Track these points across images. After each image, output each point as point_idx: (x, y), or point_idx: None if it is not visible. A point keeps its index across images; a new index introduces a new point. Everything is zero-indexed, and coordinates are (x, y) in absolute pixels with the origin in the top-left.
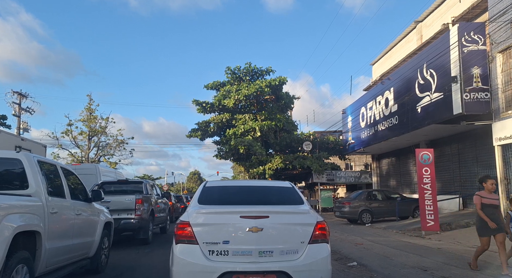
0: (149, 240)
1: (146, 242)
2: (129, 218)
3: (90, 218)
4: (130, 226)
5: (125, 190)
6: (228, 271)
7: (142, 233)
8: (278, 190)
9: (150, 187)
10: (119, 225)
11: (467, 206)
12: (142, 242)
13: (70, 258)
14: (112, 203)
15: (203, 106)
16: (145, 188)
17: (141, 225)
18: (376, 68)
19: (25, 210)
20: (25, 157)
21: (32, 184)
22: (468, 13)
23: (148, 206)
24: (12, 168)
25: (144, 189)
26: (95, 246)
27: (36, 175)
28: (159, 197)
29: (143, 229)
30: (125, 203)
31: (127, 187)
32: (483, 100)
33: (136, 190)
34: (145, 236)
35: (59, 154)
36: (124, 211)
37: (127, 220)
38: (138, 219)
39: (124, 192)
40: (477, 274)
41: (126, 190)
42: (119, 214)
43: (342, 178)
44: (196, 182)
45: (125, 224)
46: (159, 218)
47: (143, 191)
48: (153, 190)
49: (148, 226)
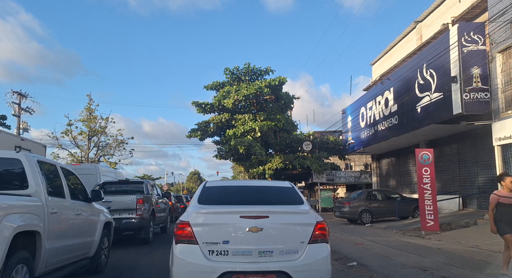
0: (150, 239)
1: (147, 241)
2: (130, 217)
3: (90, 218)
4: (131, 226)
5: (126, 190)
6: (228, 271)
7: (143, 232)
8: (278, 190)
9: (151, 187)
10: (121, 224)
11: (467, 206)
12: (142, 242)
13: (70, 258)
14: (113, 203)
15: (202, 107)
16: (146, 188)
17: (142, 225)
18: (376, 68)
19: (25, 210)
20: (25, 157)
21: (32, 184)
22: (467, 13)
23: (149, 206)
24: (12, 168)
25: (145, 189)
26: (95, 246)
27: (36, 175)
28: (160, 197)
29: (144, 228)
30: (126, 203)
31: (128, 187)
32: (483, 100)
33: (137, 190)
34: (146, 235)
35: (59, 154)
36: (125, 211)
37: (128, 220)
38: (139, 219)
39: (125, 192)
40: (477, 274)
41: (127, 190)
42: (121, 214)
43: (342, 178)
44: (196, 182)
45: (126, 224)
46: (160, 217)
47: (144, 191)
48: (153, 190)
49: (149, 225)
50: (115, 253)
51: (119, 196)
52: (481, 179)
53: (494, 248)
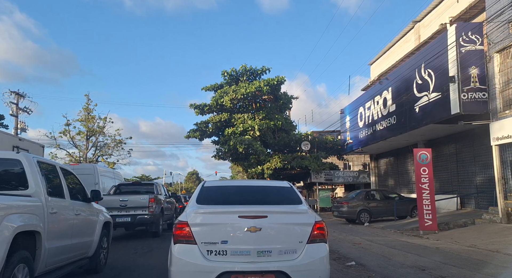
0: (159, 233)
1: (157, 235)
2: (143, 214)
3: (89, 218)
4: (144, 221)
5: (139, 191)
6: (227, 271)
7: (154, 227)
8: (277, 189)
9: (160, 188)
10: (135, 220)
11: (465, 205)
12: (153, 235)
13: (69, 257)
14: (129, 202)
15: (200, 108)
16: (156, 188)
17: (153, 220)
18: (374, 68)
19: (25, 210)
20: (24, 158)
21: (32, 184)
22: (465, 13)
23: (159, 204)
24: (12, 168)
25: (155, 190)
26: (94, 245)
27: (36, 175)
28: (167, 196)
29: (155, 223)
30: (140, 202)
31: (141, 188)
32: (481, 100)
33: (148, 191)
34: (156, 229)
35: (57, 154)
36: (139, 208)
37: (142, 216)
38: (151, 215)
39: (138, 192)
40: (474, 273)
41: (140, 191)
42: (135, 211)
43: (340, 177)
44: (195, 182)
45: (141, 219)
46: (167, 215)
47: (154, 191)
48: (162, 190)
49: (159, 221)
50: (114, 252)
51: (134, 196)
52: (479, 179)
53: (492, 247)
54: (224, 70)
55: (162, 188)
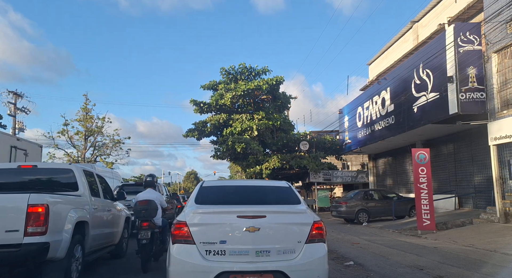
0: None
1: None
2: None
3: (116, 213)
4: None
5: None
6: (225, 271)
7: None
8: (275, 189)
9: (161, 188)
10: None
11: (463, 205)
12: None
13: (104, 243)
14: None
15: (200, 106)
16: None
17: None
18: (372, 68)
19: (79, 206)
20: (75, 167)
21: (81, 187)
22: (464, 13)
23: None
24: (66, 175)
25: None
26: (118, 235)
27: (83, 180)
28: (168, 196)
29: None
30: None
31: None
32: (479, 100)
33: None
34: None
35: (55, 154)
36: None
37: None
38: None
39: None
40: (473, 273)
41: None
42: None
43: (339, 177)
44: (193, 181)
45: None
46: (168, 214)
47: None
48: (163, 190)
49: None
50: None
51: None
52: (477, 179)
53: (490, 247)
54: (223, 67)
55: (163, 188)
